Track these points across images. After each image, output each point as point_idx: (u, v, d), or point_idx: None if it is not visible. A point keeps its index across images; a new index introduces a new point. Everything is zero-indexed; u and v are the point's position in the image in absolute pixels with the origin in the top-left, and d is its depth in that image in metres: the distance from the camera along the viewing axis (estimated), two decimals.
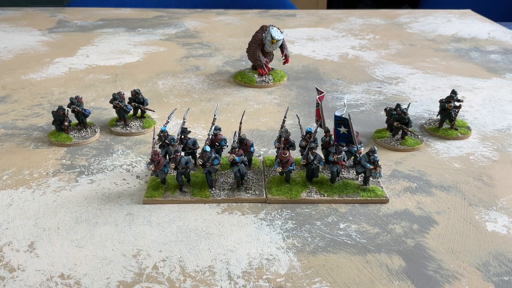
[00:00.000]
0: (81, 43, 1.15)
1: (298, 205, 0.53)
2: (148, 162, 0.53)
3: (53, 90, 0.85)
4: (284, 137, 0.56)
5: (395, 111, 0.66)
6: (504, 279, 0.43)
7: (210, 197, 0.53)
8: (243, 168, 0.53)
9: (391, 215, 0.52)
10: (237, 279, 0.43)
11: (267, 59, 0.89)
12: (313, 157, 0.53)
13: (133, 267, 0.44)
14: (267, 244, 0.47)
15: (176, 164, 0.52)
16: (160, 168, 0.52)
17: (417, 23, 1.42)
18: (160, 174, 0.52)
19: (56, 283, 0.42)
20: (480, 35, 1.29)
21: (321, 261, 0.45)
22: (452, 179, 0.59)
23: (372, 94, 0.86)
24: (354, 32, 1.30)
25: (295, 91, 0.86)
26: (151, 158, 0.52)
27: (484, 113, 0.78)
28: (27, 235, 0.47)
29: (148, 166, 0.51)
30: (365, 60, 1.05)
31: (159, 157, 0.52)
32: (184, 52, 1.09)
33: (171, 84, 0.88)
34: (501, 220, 0.51)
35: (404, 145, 0.65)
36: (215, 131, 0.57)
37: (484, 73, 0.98)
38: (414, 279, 0.43)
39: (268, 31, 0.85)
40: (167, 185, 0.54)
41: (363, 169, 0.54)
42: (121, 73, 0.94)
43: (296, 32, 1.29)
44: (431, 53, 1.11)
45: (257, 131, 0.70)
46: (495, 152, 0.65)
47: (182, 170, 0.52)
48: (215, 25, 1.36)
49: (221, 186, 0.55)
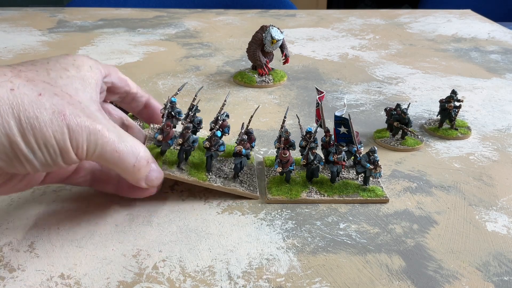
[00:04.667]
0: (81, 43, 1.15)
1: (298, 205, 0.53)
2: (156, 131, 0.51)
3: None
4: (284, 137, 0.56)
5: (395, 111, 0.66)
6: (504, 279, 0.43)
7: (206, 180, 0.52)
8: (245, 161, 0.53)
9: (391, 215, 0.52)
10: (237, 279, 0.43)
11: (267, 59, 0.89)
12: (313, 157, 0.53)
13: (133, 267, 0.44)
14: (267, 244, 0.47)
15: (184, 140, 0.51)
16: (167, 140, 0.50)
17: (417, 23, 1.42)
18: (165, 145, 0.51)
19: (56, 283, 0.42)
20: (480, 35, 1.29)
21: (321, 261, 0.45)
22: (452, 179, 0.59)
23: (372, 94, 0.86)
24: (354, 32, 1.30)
25: (295, 91, 0.86)
26: (162, 127, 0.50)
27: (484, 113, 0.78)
28: (27, 235, 0.47)
29: (156, 135, 0.50)
30: (365, 60, 1.05)
31: (170, 129, 0.50)
32: (184, 52, 1.09)
33: (171, 84, 0.88)
34: (501, 220, 0.51)
35: (404, 145, 0.65)
36: (225, 117, 0.57)
37: (484, 73, 0.98)
38: (414, 279, 0.43)
39: (268, 31, 0.85)
40: (165, 158, 0.52)
41: (363, 169, 0.54)
42: (121, 73, 0.94)
43: (296, 32, 1.29)
44: (431, 53, 1.11)
45: (257, 131, 0.70)
46: (495, 152, 0.66)
47: (187, 148, 0.51)
48: (215, 25, 1.36)
49: (217, 173, 0.54)
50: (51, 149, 0.39)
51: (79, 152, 0.40)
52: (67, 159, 0.40)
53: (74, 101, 0.41)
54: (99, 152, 0.41)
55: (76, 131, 0.39)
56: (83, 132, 0.40)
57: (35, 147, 0.38)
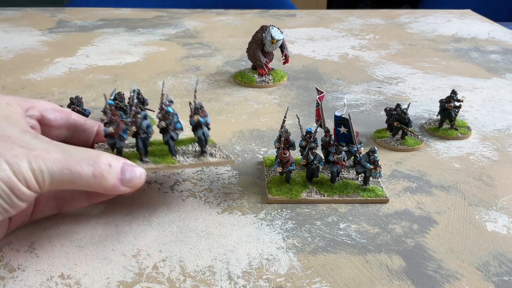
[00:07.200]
0: (81, 43, 1.15)
1: (298, 205, 0.53)
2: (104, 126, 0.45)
3: (53, 90, 0.85)
4: (284, 137, 0.56)
5: (395, 111, 0.66)
6: (504, 279, 0.43)
7: (176, 163, 0.48)
8: (207, 131, 0.49)
9: (391, 215, 0.52)
10: (237, 279, 0.43)
11: (267, 59, 0.89)
12: (313, 157, 0.53)
13: (133, 267, 0.44)
14: (267, 244, 0.47)
15: (137, 127, 0.45)
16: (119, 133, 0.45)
17: (417, 23, 1.42)
18: (119, 140, 0.45)
19: (56, 283, 0.42)
20: (480, 35, 1.29)
21: (321, 261, 0.45)
22: (452, 179, 0.59)
23: (372, 94, 0.86)
24: (354, 32, 1.30)
25: (295, 91, 0.86)
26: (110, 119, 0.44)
27: (484, 113, 0.78)
28: (27, 235, 0.47)
29: (106, 130, 0.45)
30: (365, 60, 1.05)
31: (118, 119, 0.45)
32: (184, 52, 1.09)
33: (171, 84, 0.88)
34: (501, 220, 0.51)
35: (404, 145, 0.65)
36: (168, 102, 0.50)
37: (484, 73, 0.98)
38: (414, 279, 0.43)
39: (268, 31, 0.85)
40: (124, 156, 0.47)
41: (363, 169, 0.54)
42: (121, 73, 0.94)
43: (296, 32, 1.29)
44: (431, 53, 1.11)
45: (257, 131, 0.70)
46: (495, 152, 0.66)
47: (144, 136, 0.46)
48: (215, 25, 1.36)
49: (183, 155, 0.50)
50: (1, 191, 0.36)
51: (30, 185, 0.38)
52: (20, 195, 0.38)
53: (3, 137, 0.38)
54: (49, 177, 0.38)
55: (16, 163, 0.37)
56: (23, 162, 0.37)
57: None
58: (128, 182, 0.43)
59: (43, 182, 0.38)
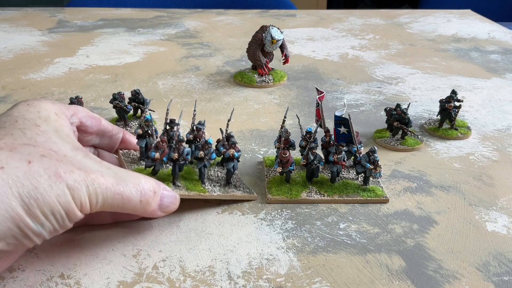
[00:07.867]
0: (81, 43, 1.15)
1: (298, 205, 0.53)
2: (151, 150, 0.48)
3: (53, 90, 0.85)
4: (284, 137, 0.56)
5: (395, 111, 0.66)
6: (504, 279, 0.43)
7: (206, 192, 0.50)
8: (237, 164, 0.52)
9: (391, 215, 0.52)
10: (237, 279, 0.43)
11: (267, 59, 0.89)
12: (313, 157, 0.53)
13: (133, 267, 0.44)
14: (267, 244, 0.47)
15: (179, 155, 0.48)
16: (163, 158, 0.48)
17: (417, 23, 1.42)
18: (159, 164, 0.48)
19: (56, 283, 0.42)
20: (480, 35, 1.29)
21: (321, 261, 0.45)
22: (452, 179, 0.59)
23: (372, 94, 0.86)
24: (354, 32, 1.30)
25: (295, 91, 0.86)
26: (156, 145, 0.48)
27: (484, 113, 0.78)
28: None
29: (152, 154, 0.47)
30: (365, 60, 1.05)
31: (165, 146, 0.48)
32: (184, 52, 1.09)
33: (171, 84, 0.89)
34: (501, 220, 0.51)
35: (404, 145, 0.65)
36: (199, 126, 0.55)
37: (484, 73, 0.98)
38: (414, 279, 0.43)
39: (268, 31, 0.85)
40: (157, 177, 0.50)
41: (363, 169, 0.54)
42: (121, 73, 0.94)
43: (296, 32, 1.29)
44: (431, 53, 1.11)
45: (257, 131, 0.70)
46: (495, 152, 0.66)
47: (182, 162, 0.49)
48: (215, 25, 1.36)
49: (209, 182, 0.53)
50: (58, 215, 0.37)
51: (84, 208, 0.38)
52: (73, 217, 0.38)
53: (61, 157, 0.38)
54: (102, 201, 0.39)
55: (75, 187, 0.37)
56: (82, 186, 0.37)
57: (42, 219, 0.36)
58: (165, 208, 0.45)
59: (95, 205, 0.39)
